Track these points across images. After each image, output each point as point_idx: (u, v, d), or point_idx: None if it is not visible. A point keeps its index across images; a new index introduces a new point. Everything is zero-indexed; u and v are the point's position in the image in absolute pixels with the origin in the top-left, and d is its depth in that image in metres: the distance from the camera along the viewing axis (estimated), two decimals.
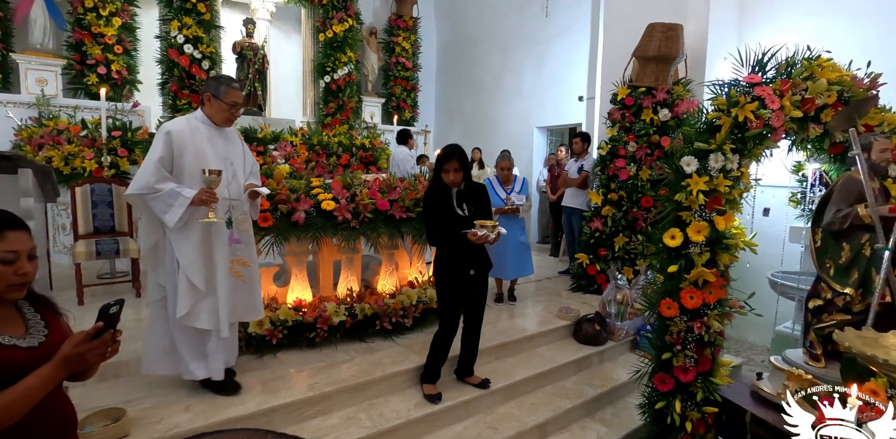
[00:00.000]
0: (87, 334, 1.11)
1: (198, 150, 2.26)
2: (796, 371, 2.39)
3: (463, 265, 2.61)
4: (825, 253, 2.42)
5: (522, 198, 3.95)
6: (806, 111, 2.39)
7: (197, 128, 2.29)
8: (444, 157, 2.55)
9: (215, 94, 2.29)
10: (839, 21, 4.28)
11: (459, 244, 2.52)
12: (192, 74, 5.80)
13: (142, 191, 2.14)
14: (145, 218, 2.33)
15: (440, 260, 2.67)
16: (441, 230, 2.59)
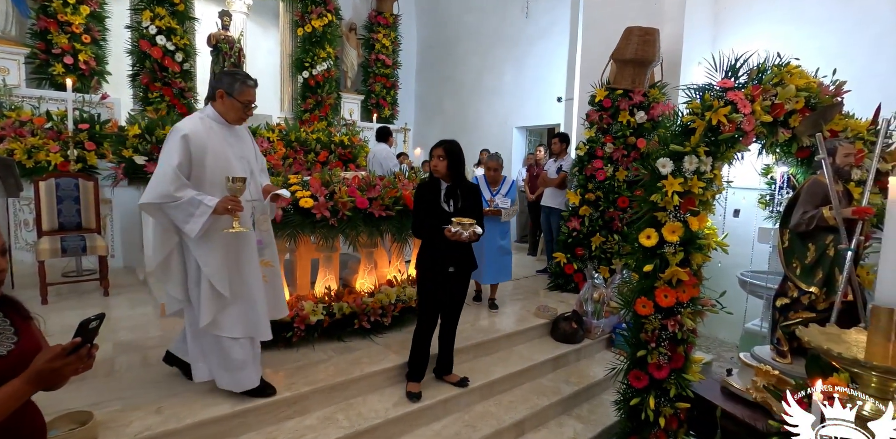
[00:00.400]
0: (63, 349, 1.06)
1: (217, 153, 2.12)
2: (764, 367, 2.47)
3: (442, 261, 2.60)
4: (792, 253, 2.51)
5: (507, 201, 3.81)
6: (776, 116, 2.48)
7: (212, 129, 2.15)
8: (434, 146, 2.62)
9: (229, 92, 2.16)
10: (805, 30, 4.44)
11: (440, 240, 2.52)
12: (165, 66, 5.64)
13: (159, 199, 1.99)
14: (156, 227, 2.18)
15: (422, 254, 2.68)
16: (423, 223, 2.60)
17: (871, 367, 0.49)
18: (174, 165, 2.00)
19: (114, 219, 4.83)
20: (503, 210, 3.78)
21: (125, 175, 4.43)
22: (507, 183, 3.91)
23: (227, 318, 2.22)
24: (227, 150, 2.18)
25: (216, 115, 2.20)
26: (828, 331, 0.57)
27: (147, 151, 4.48)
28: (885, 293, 0.53)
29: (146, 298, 3.94)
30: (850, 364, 0.51)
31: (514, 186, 3.93)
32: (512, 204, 3.84)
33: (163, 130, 4.61)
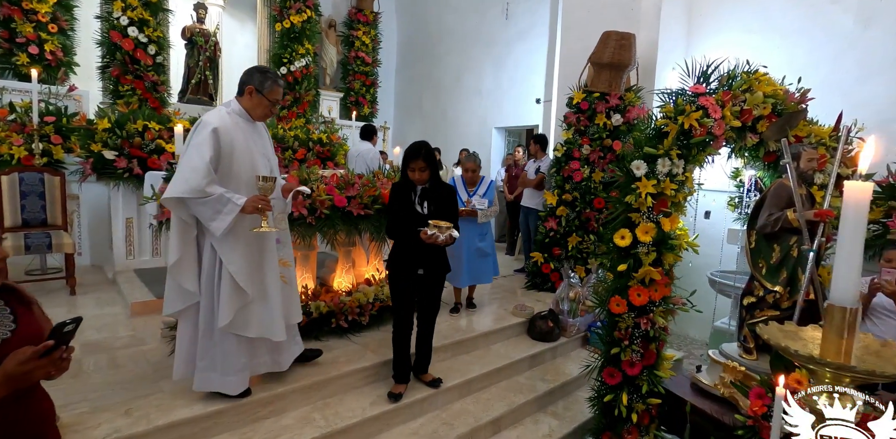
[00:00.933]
0: (34, 352, 1.04)
1: (243, 149, 2.11)
2: (731, 363, 2.56)
3: (412, 263, 2.58)
4: (758, 253, 2.61)
5: (485, 202, 3.71)
6: (744, 121, 2.57)
7: (237, 124, 2.13)
8: (411, 155, 2.49)
9: (259, 89, 2.16)
10: (774, 40, 4.60)
11: (412, 242, 2.49)
12: (137, 59, 5.47)
13: (189, 194, 1.94)
14: (176, 223, 2.11)
15: (393, 256, 2.67)
16: (397, 225, 2.57)
17: (824, 364, 0.52)
18: (206, 159, 1.96)
19: (81, 216, 4.67)
20: (479, 211, 3.69)
21: (94, 170, 4.29)
22: (485, 183, 3.82)
23: (241, 317, 2.18)
24: (252, 147, 2.17)
25: (242, 111, 2.19)
26: (786, 329, 0.60)
27: (117, 146, 4.35)
28: (838, 292, 0.56)
29: (115, 297, 3.83)
30: (805, 360, 0.54)
31: (492, 187, 3.83)
32: (490, 205, 3.75)
33: (134, 124, 4.48)
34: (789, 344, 0.54)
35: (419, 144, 2.52)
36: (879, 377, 0.50)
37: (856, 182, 0.56)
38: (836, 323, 0.54)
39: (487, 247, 3.84)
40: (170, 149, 4.50)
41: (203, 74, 6.44)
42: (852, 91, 4.06)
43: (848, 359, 0.52)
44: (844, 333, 0.53)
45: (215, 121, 2.03)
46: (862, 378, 0.51)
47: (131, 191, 4.38)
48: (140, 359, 2.72)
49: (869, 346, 0.55)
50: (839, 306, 0.54)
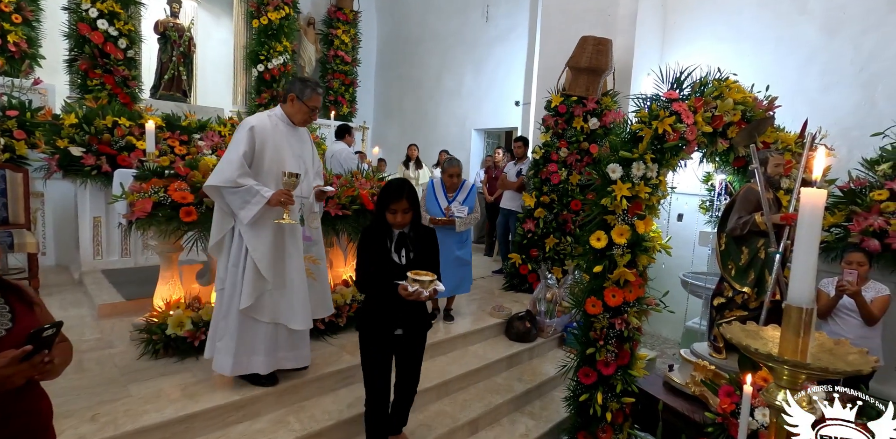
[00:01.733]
0: (14, 357, 1.03)
1: (277, 148, 2.32)
2: (702, 362, 2.63)
3: (389, 323, 2.13)
4: (728, 255, 2.69)
5: (464, 210, 3.47)
6: (715, 127, 2.65)
7: (277, 126, 2.35)
8: (392, 196, 2.04)
9: (300, 96, 2.36)
10: (744, 49, 4.75)
11: (387, 296, 2.03)
12: (107, 53, 5.31)
13: (223, 183, 2.17)
14: (216, 210, 2.36)
15: (364, 312, 2.19)
16: (369, 278, 2.09)
17: (782, 361, 0.55)
18: (240, 154, 2.20)
19: (46, 214, 4.51)
20: (457, 219, 3.44)
21: (60, 167, 4.13)
22: (466, 189, 3.58)
23: (257, 301, 2.35)
24: (286, 148, 2.37)
25: (284, 116, 2.41)
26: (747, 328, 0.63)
27: (85, 142, 4.20)
28: (795, 293, 0.58)
29: (81, 299, 3.71)
30: (764, 358, 0.56)
31: (473, 193, 3.59)
32: (470, 211, 3.51)
33: (103, 120, 4.34)
34: (750, 343, 0.56)
35: (400, 183, 2.09)
36: (832, 373, 0.52)
37: (812, 189, 0.59)
38: (792, 322, 0.56)
39: (466, 255, 3.63)
40: (140, 147, 4.37)
41: (176, 70, 6.29)
42: (817, 99, 4.22)
43: (804, 357, 0.54)
44: (801, 332, 0.55)
45: (254, 121, 2.28)
46: (816, 374, 0.54)
47: (99, 189, 4.24)
48: (107, 363, 2.64)
49: (824, 344, 0.57)
50: (796, 306, 0.56)
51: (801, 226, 0.58)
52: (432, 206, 3.53)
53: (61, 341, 1.26)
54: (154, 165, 3.02)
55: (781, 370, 0.57)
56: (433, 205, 3.53)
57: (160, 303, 2.93)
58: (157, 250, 3.08)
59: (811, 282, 0.59)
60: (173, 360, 2.69)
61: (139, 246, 4.49)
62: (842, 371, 0.51)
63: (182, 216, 2.73)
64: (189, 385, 2.44)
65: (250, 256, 2.29)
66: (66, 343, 1.31)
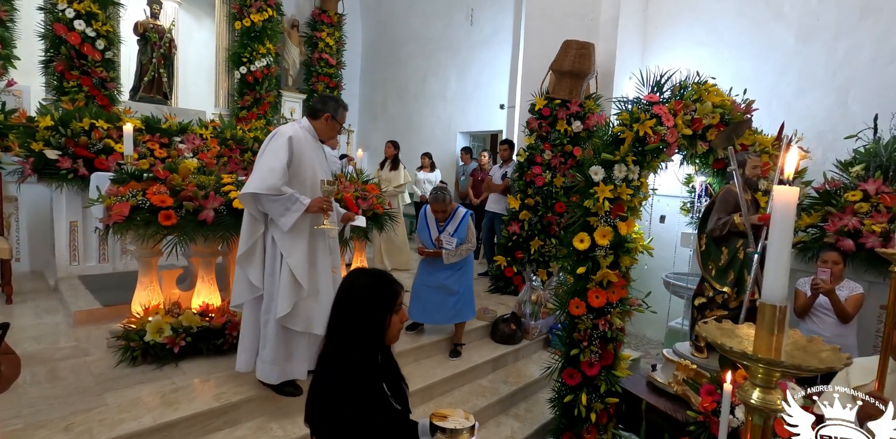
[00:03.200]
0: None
1: (309, 159, 2.40)
2: (684, 362, 2.66)
3: None
4: (708, 256, 2.72)
5: (453, 242, 3.24)
6: (695, 129, 2.69)
7: (306, 137, 2.43)
8: (396, 289, 1.44)
9: (334, 116, 2.48)
10: (722, 53, 4.85)
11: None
12: (84, 54, 5.20)
13: (267, 191, 2.20)
14: (247, 218, 2.37)
15: None
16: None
17: (756, 359, 0.55)
18: (284, 162, 2.25)
19: (20, 219, 4.38)
20: (445, 251, 3.23)
21: (34, 170, 4.03)
22: (457, 218, 3.29)
23: (300, 312, 2.39)
24: (315, 159, 2.46)
25: (311, 130, 2.50)
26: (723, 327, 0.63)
27: (61, 145, 4.11)
28: (769, 291, 0.59)
29: (56, 306, 3.61)
30: (739, 356, 0.57)
31: (465, 222, 3.28)
32: (460, 243, 3.26)
33: (80, 123, 4.25)
34: (725, 342, 0.57)
35: (383, 274, 1.46)
36: (805, 370, 0.53)
37: (784, 186, 0.60)
38: (766, 320, 0.56)
39: (456, 284, 3.33)
40: (119, 150, 4.29)
41: (157, 72, 6.19)
42: (793, 103, 4.32)
43: (778, 355, 0.55)
44: (775, 330, 0.56)
45: (291, 132, 2.34)
46: (790, 372, 0.54)
47: (76, 193, 4.14)
48: (83, 371, 2.57)
49: (797, 342, 0.58)
50: (769, 304, 0.57)
51: (773, 224, 0.59)
52: (424, 236, 3.37)
53: (6, 353, 1.16)
54: (132, 168, 2.96)
55: (756, 368, 0.57)
56: (424, 233, 3.37)
57: (139, 309, 2.87)
58: (136, 255, 3.02)
59: (784, 280, 0.59)
60: (152, 367, 2.63)
61: (117, 251, 4.40)
62: (814, 368, 0.52)
63: (161, 220, 2.68)
64: (168, 392, 2.38)
65: (286, 263, 2.32)
66: (13, 356, 1.20)
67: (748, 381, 0.61)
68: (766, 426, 0.59)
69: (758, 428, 0.59)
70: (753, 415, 0.60)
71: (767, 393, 0.58)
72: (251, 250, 2.37)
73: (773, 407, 0.58)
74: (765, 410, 0.58)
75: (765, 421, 0.59)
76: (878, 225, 2.97)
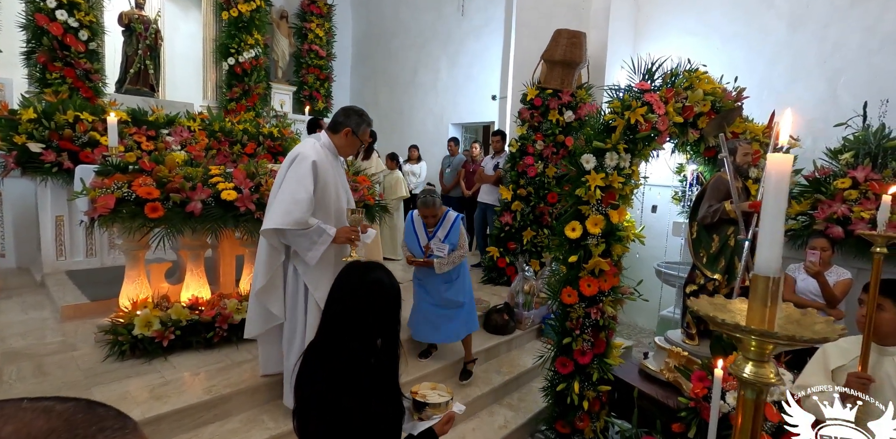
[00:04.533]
0: None
1: (332, 183, 2.24)
2: (675, 349, 2.67)
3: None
4: (699, 243, 2.73)
5: (445, 248, 2.93)
6: (686, 117, 2.68)
7: (326, 157, 2.24)
8: (398, 296, 1.45)
9: (356, 131, 2.28)
10: (714, 42, 4.84)
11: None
12: (67, 45, 5.09)
13: (294, 226, 2.04)
14: (265, 249, 2.21)
15: None
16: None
17: (749, 331, 0.54)
18: (310, 192, 2.08)
19: (4, 214, 4.30)
20: (437, 260, 2.91)
21: (17, 164, 3.94)
22: (448, 223, 2.99)
23: None
24: (338, 180, 2.30)
25: (331, 146, 2.30)
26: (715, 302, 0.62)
27: (45, 138, 4.02)
28: (763, 262, 0.58)
29: (43, 301, 3.55)
30: (731, 329, 0.56)
31: (456, 227, 2.99)
32: (452, 249, 2.94)
33: (63, 115, 4.16)
34: (717, 315, 0.56)
35: (385, 275, 1.44)
36: (799, 341, 0.52)
37: (777, 154, 0.58)
38: (760, 292, 0.55)
39: (457, 294, 3.05)
40: (104, 142, 4.21)
41: (143, 64, 6.08)
42: (784, 91, 4.32)
43: (771, 327, 0.53)
44: (768, 302, 0.54)
45: (313, 155, 2.15)
46: (784, 344, 0.53)
47: (61, 187, 4.06)
48: (70, 366, 2.53)
49: (791, 315, 0.57)
50: (763, 276, 0.56)
51: (767, 193, 0.58)
52: (412, 243, 3.05)
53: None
54: (117, 160, 2.90)
55: (748, 341, 0.56)
56: (412, 241, 3.05)
57: (126, 303, 2.83)
58: (123, 248, 2.97)
59: (778, 251, 0.58)
60: (141, 362, 2.60)
61: (105, 245, 4.34)
62: (809, 339, 0.51)
63: (147, 212, 2.63)
64: (157, 386, 2.35)
65: (311, 297, 2.20)
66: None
67: (741, 356, 0.59)
68: (759, 400, 0.58)
69: (750, 402, 0.58)
70: (746, 390, 0.59)
71: (760, 366, 0.57)
72: (272, 282, 2.23)
73: (766, 381, 0.57)
74: (757, 384, 0.57)
75: (757, 396, 0.58)
76: (866, 211, 2.99)
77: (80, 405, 0.40)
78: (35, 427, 0.36)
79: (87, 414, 0.39)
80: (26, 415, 0.37)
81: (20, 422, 0.36)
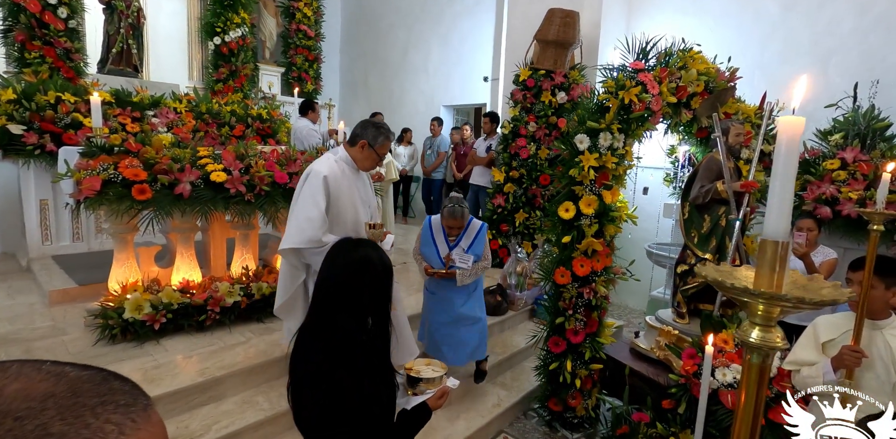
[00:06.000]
0: None
1: (348, 196, 2.20)
2: (666, 327, 2.72)
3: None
4: (691, 223, 2.75)
5: (469, 259, 2.67)
6: (679, 97, 2.66)
7: (344, 171, 2.22)
8: (390, 273, 1.46)
9: (372, 144, 2.23)
10: (708, 23, 4.80)
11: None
12: (46, 23, 4.90)
13: (308, 244, 2.03)
14: (285, 268, 2.21)
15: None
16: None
17: (758, 294, 0.54)
18: (322, 209, 2.06)
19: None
20: (459, 271, 2.66)
21: None
22: (472, 231, 2.74)
23: None
24: (356, 195, 2.26)
25: (349, 159, 2.26)
26: (721, 269, 0.62)
27: (25, 119, 3.91)
28: (771, 227, 0.57)
29: (30, 286, 3.51)
30: (740, 293, 0.55)
31: (482, 235, 2.75)
32: (477, 260, 2.70)
33: (44, 96, 4.03)
34: (725, 280, 0.55)
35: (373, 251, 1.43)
36: (808, 304, 0.52)
37: (789, 116, 0.57)
38: (768, 257, 0.55)
39: (472, 309, 2.79)
40: (88, 124, 4.10)
41: (125, 43, 5.87)
42: (776, 72, 4.32)
43: (779, 291, 0.53)
44: (776, 266, 0.54)
45: (325, 170, 2.12)
46: (792, 307, 0.53)
47: (44, 170, 3.97)
48: (59, 350, 2.51)
49: (797, 281, 0.57)
50: (772, 240, 0.55)
51: (777, 156, 0.57)
52: (430, 253, 2.75)
53: None
54: (102, 141, 2.83)
55: (756, 305, 0.56)
56: (431, 251, 2.75)
57: (116, 287, 2.80)
58: (111, 231, 2.92)
59: (787, 215, 0.58)
60: (132, 345, 2.58)
61: (92, 230, 4.26)
62: (818, 301, 0.51)
63: (135, 194, 2.58)
64: (149, 369, 2.35)
65: None
66: None
67: (747, 321, 0.59)
68: (765, 364, 0.59)
69: (756, 366, 0.58)
70: (752, 354, 0.59)
71: (767, 331, 0.57)
72: (292, 300, 2.23)
73: (773, 345, 0.57)
74: (764, 348, 0.57)
75: (763, 360, 0.59)
76: (854, 192, 3.02)
77: (95, 374, 0.38)
78: (38, 389, 0.35)
79: (97, 384, 0.37)
80: (37, 376, 0.36)
81: (27, 382, 0.35)
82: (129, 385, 0.40)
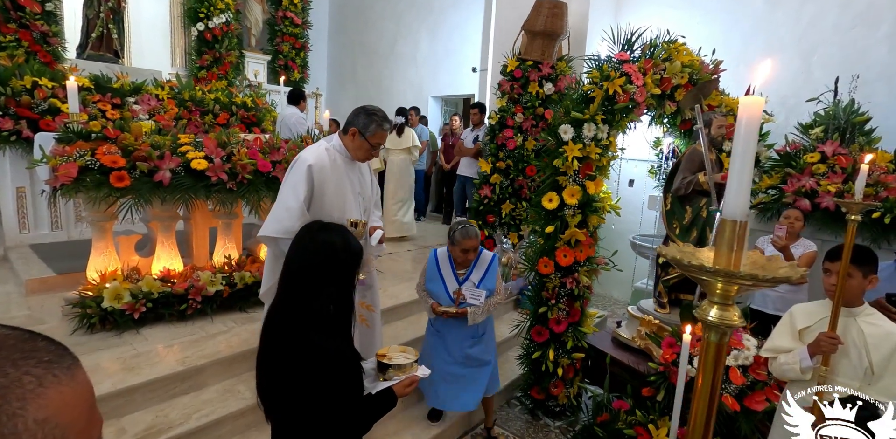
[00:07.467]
0: None
1: (337, 188, 2.11)
2: (647, 317, 2.76)
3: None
4: (673, 214, 2.78)
5: (481, 294, 2.38)
6: (664, 89, 2.68)
7: (335, 161, 2.11)
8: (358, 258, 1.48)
9: (362, 132, 2.10)
10: (695, 16, 4.82)
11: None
12: (21, 5, 4.76)
13: (283, 235, 1.92)
14: (269, 254, 2.16)
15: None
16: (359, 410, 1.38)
17: (714, 272, 0.55)
18: (301, 199, 1.98)
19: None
20: (470, 309, 2.37)
21: None
22: (484, 263, 2.46)
23: None
24: (347, 186, 2.15)
25: (343, 149, 2.16)
26: (684, 249, 0.63)
27: (1, 104, 3.80)
28: (730, 207, 0.58)
29: (7, 275, 3.44)
30: (697, 271, 0.56)
31: (494, 267, 2.48)
32: (489, 295, 2.42)
33: (20, 81, 3.92)
34: (683, 258, 0.56)
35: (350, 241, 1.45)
36: (762, 281, 0.53)
37: (749, 97, 0.58)
38: (727, 236, 0.56)
39: (482, 352, 2.52)
40: (66, 110, 4.00)
41: (105, 28, 5.73)
42: None
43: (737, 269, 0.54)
44: (734, 246, 0.55)
45: (311, 158, 2.03)
46: (748, 283, 0.54)
47: (20, 157, 3.87)
48: None
49: (756, 261, 0.58)
50: (730, 220, 0.56)
51: (737, 136, 0.57)
52: (437, 289, 2.47)
53: None
54: (78, 127, 2.76)
55: (714, 283, 0.57)
56: (438, 286, 2.47)
57: (94, 276, 2.76)
58: (89, 219, 2.87)
59: (746, 195, 0.58)
60: (111, 335, 2.55)
61: (72, 218, 4.18)
62: (771, 278, 0.52)
63: (113, 181, 2.53)
64: (129, 358, 2.32)
65: None
66: None
67: (706, 301, 0.60)
68: (722, 342, 0.60)
69: (713, 345, 0.59)
70: (710, 332, 0.60)
71: (724, 309, 0.58)
72: (274, 288, 2.18)
73: (730, 323, 0.58)
74: (721, 326, 0.58)
75: (720, 338, 0.59)
76: (833, 185, 3.07)
77: (21, 333, 0.39)
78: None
79: (22, 341, 0.37)
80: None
81: None
82: (56, 345, 0.40)
